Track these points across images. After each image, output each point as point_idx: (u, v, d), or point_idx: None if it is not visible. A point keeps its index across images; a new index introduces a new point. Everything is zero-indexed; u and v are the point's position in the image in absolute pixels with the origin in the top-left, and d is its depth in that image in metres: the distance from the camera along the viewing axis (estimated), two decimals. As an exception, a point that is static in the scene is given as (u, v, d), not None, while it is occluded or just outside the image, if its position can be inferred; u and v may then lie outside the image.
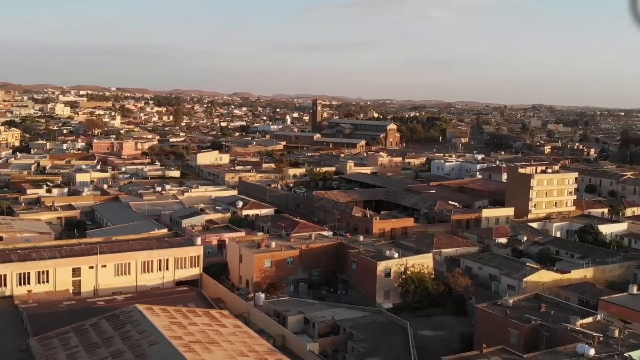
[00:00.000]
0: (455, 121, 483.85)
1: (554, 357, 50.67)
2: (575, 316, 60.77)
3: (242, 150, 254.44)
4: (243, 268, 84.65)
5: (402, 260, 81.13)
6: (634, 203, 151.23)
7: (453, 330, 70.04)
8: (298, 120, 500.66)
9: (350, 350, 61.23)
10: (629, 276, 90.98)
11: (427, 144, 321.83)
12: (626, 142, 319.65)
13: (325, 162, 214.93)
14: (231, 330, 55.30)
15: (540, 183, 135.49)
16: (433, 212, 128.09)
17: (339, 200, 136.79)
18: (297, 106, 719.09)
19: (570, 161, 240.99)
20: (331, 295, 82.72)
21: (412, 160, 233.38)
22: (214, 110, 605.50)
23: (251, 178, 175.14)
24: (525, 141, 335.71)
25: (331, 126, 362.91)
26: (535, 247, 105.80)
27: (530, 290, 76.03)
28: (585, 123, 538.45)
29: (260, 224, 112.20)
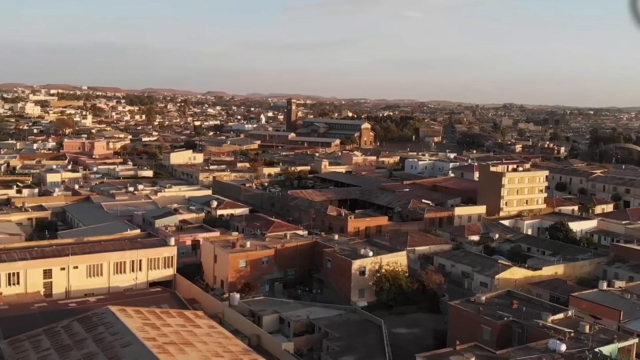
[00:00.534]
0: (428, 120, 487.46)
1: (526, 353, 51.40)
2: (547, 312, 61.66)
3: (217, 150, 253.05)
4: (218, 268, 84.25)
5: (376, 259, 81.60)
6: (604, 200, 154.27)
7: (427, 328, 70.67)
8: (273, 119, 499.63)
9: (326, 349, 61.39)
10: (598, 272, 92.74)
11: (400, 143, 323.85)
12: (595, 141, 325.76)
13: (300, 161, 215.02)
14: (205, 331, 55.03)
15: (511, 181, 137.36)
16: (407, 210, 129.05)
17: (314, 199, 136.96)
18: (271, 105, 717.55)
19: (540, 159, 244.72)
20: (306, 294, 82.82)
21: (386, 159, 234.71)
22: (187, 109, 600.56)
23: (226, 177, 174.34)
24: (496, 140, 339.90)
25: (306, 125, 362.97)
26: (507, 244, 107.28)
27: (502, 287, 77.04)
28: (556, 122, 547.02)
29: (235, 224, 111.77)
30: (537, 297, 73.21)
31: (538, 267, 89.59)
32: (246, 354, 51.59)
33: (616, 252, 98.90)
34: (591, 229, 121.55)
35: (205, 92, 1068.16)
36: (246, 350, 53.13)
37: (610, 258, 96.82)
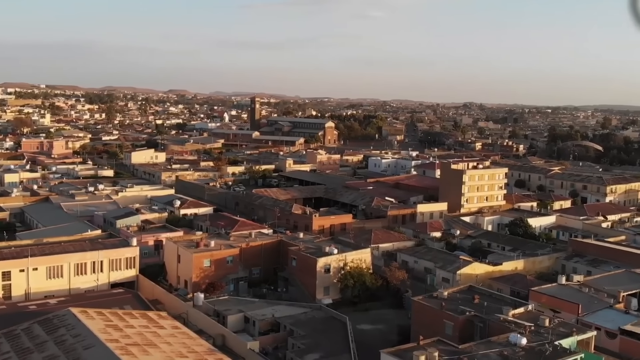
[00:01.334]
0: (391, 119, 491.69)
1: (487, 347, 52.39)
2: (508, 307, 62.84)
3: (179, 149, 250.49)
4: (181, 268, 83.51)
5: (341, 256, 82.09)
6: (562, 197, 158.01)
7: (391, 323, 71.44)
8: (236, 118, 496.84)
9: (291, 347, 61.53)
10: (557, 267, 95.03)
11: (364, 141, 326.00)
12: (553, 138, 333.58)
13: (265, 160, 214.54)
14: (169, 332, 54.54)
15: (471, 179, 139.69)
16: (370, 208, 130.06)
17: (278, 198, 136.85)
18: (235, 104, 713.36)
19: (500, 157, 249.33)
20: (271, 293, 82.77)
21: (350, 157, 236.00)
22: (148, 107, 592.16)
23: (189, 177, 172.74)
24: (457, 138, 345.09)
25: (270, 124, 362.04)
26: (468, 240, 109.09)
27: (464, 283, 78.31)
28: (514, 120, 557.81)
29: (198, 223, 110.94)
30: (498, 292, 74.69)
31: (498, 263, 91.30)
32: (211, 353, 51.35)
33: (574, 247, 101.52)
34: (550, 224, 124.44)
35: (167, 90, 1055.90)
36: (211, 350, 52.86)
37: (569, 253, 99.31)
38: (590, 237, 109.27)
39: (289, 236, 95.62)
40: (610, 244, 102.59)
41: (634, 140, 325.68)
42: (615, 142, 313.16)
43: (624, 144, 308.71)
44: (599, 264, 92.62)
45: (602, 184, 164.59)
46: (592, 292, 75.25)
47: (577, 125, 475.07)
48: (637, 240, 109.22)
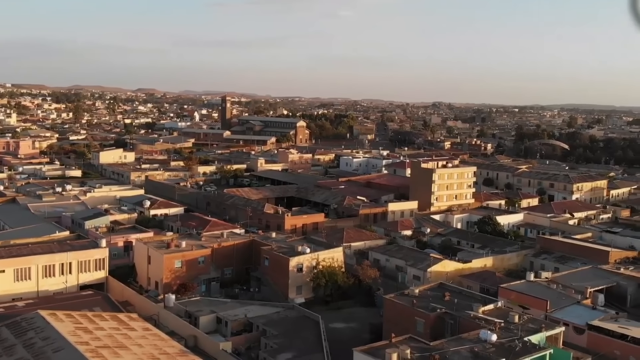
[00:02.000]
0: (362, 118, 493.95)
1: (458, 343, 53.06)
2: (478, 304, 63.63)
3: (149, 148, 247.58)
4: (152, 269, 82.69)
5: (313, 255, 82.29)
6: (529, 195, 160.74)
7: (363, 322, 71.83)
8: (207, 117, 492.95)
9: (264, 347, 61.48)
10: (526, 264, 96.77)
11: (335, 140, 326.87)
12: (520, 137, 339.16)
13: (236, 159, 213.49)
14: (140, 334, 54.05)
15: (441, 177, 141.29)
16: (342, 207, 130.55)
17: (250, 197, 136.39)
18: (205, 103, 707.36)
19: (468, 156, 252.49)
20: (244, 293, 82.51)
21: (322, 156, 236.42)
22: (117, 106, 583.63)
23: (159, 176, 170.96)
24: (426, 137, 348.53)
25: (241, 123, 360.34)
26: (438, 238, 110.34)
27: (435, 280, 79.21)
28: (482, 119, 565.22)
29: (169, 224, 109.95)
30: (468, 289, 75.63)
31: (468, 260, 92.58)
32: (183, 355, 51.07)
33: (542, 244, 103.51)
34: (518, 222, 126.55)
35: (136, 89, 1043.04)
36: (183, 351, 52.58)
37: (537, 250, 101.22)
38: (558, 234, 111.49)
39: (261, 236, 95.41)
40: (577, 241, 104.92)
41: (599, 139, 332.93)
42: (581, 140, 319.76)
43: (590, 142, 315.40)
44: (566, 260, 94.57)
45: (568, 182, 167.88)
46: (560, 288, 76.83)
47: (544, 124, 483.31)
48: (603, 237, 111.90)
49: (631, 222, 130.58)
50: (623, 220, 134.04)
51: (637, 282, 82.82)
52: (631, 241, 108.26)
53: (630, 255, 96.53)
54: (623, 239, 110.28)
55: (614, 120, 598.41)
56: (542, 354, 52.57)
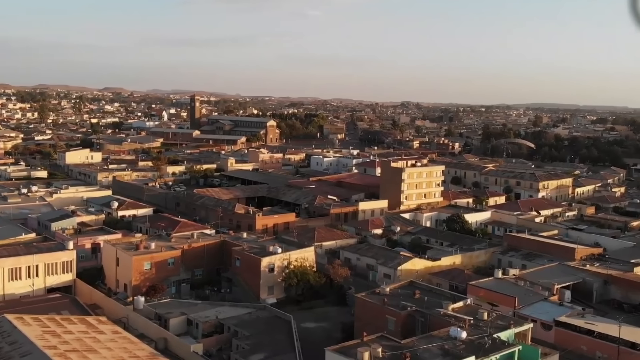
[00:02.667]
0: (332, 118, 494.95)
1: (429, 341, 53.59)
2: (447, 301, 64.37)
3: (116, 148, 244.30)
4: (120, 271, 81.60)
5: (285, 255, 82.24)
6: (496, 193, 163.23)
7: (335, 321, 72.06)
8: (175, 116, 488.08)
9: (235, 348, 61.21)
10: (493, 261, 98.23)
11: (305, 140, 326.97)
12: (487, 136, 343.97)
13: (206, 159, 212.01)
14: (110, 337, 53.40)
15: (410, 176, 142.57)
16: (313, 206, 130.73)
17: (220, 197, 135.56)
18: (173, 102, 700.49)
19: (437, 155, 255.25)
20: (215, 294, 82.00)
21: (292, 156, 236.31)
22: (83, 106, 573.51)
23: (127, 177, 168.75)
24: (396, 137, 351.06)
25: (210, 122, 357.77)
26: (407, 236, 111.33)
27: (405, 278, 79.90)
28: (450, 119, 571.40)
29: (138, 225, 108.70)
30: (438, 287, 76.50)
31: (437, 258, 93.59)
32: (153, 358, 50.64)
33: (509, 242, 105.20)
34: (485, 220, 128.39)
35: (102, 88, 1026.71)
36: (153, 354, 52.14)
37: (504, 247, 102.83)
38: (524, 231, 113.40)
39: (232, 236, 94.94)
40: (543, 238, 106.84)
41: (564, 138, 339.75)
42: (547, 139, 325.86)
43: (555, 141, 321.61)
44: (533, 257, 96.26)
45: (534, 180, 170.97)
46: (527, 285, 78.13)
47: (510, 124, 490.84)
48: (569, 235, 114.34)
49: (596, 220, 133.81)
50: (588, 218, 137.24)
51: (602, 279, 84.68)
52: (596, 238, 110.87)
53: (596, 252, 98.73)
54: (588, 236, 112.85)
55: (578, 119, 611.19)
56: (511, 351, 53.43)
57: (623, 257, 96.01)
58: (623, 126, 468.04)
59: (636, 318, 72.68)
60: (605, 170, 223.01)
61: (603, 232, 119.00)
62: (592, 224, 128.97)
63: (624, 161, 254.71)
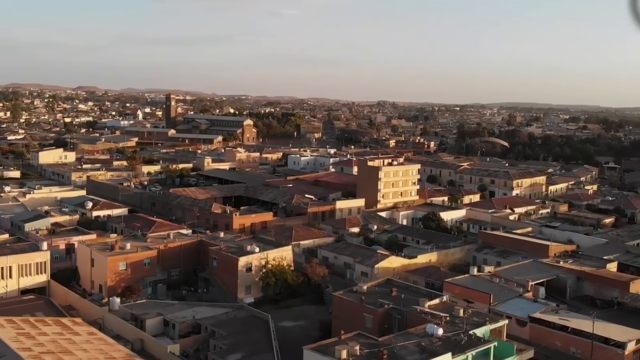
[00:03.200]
0: (308, 117, 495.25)
1: (406, 338, 54.02)
2: (424, 298, 64.98)
3: (90, 148, 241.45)
4: (95, 272, 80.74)
5: (262, 254, 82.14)
6: (471, 191, 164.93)
7: (312, 319, 72.23)
8: (151, 115, 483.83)
9: (213, 348, 60.96)
10: (469, 259, 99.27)
11: (282, 139, 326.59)
12: (462, 135, 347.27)
13: (182, 158, 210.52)
14: (85, 338, 52.85)
15: (387, 175, 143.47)
16: (291, 205, 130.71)
17: (197, 197, 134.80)
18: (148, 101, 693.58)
19: (412, 154, 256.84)
20: (192, 295, 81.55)
21: (270, 155, 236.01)
22: (56, 105, 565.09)
23: (101, 177, 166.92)
24: (372, 136, 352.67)
25: (186, 122, 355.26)
26: (384, 235, 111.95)
27: (382, 276, 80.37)
28: (425, 118, 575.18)
29: (113, 225, 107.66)
30: (414, 284, 77.15)
31: (413, 256, 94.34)
32: (130, 359, 50.26)
33: (484, 239, 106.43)
34: (460, 218, 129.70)
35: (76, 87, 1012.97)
36: (129, 355, 51.77)
37: (479, 245, 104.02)
38: (499, 229, 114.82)
39: (209, 236, 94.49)
40: (517, 235, 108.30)
41: (537, 136, 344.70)
42: (520, 138, 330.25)
43: (529, 139, 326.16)
44: (507, 254, 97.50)
45: (508, 178, 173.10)
46: (502, 282, 79.13)
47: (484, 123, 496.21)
48: (542, 232, 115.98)
49: (569, 217, 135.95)
50: (561, 215, 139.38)
51: (576, 275, 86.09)
52: (569, 235, 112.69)
53: (569, 249, 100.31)
54: (562, 233, 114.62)
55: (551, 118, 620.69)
56: (487, 347, 54.14)
57: (596, 253, 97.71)
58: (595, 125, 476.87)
59: (609, 314, 74.08)
60: (578, 168, 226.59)
61: (576, 229, 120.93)
62: (565, 221, 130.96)
63: (596, 159, 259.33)
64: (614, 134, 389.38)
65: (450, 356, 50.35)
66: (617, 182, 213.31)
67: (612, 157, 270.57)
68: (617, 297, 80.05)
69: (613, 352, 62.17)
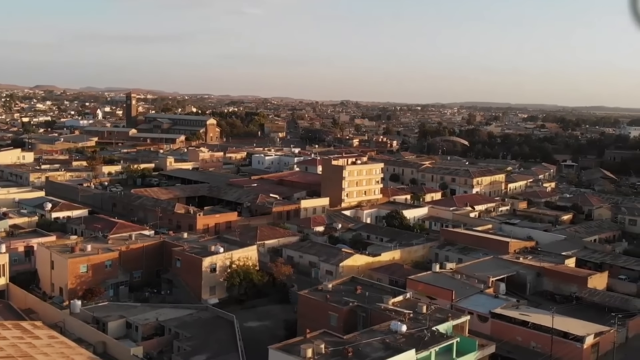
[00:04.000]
0: (272, 116, 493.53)
1: (370, 335, 54.54)
2: (388, 296, 65.63)
3: (49, 148, 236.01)
4: (55, 275, 79.19)
5: (227, 255, 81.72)
6: (432, 189, 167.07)
7: (278, 319, 72.28)
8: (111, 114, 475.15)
9: (177, 350, 60.49)
10: (431, 256, 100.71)
11: (246, 138, 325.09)
12: (423, 134, 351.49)
13: (143, 158, 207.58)
14: (46, 342, 51.79)
15: (351, 174, 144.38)
16: (255, 205, 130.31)
17: (159, 197, 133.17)
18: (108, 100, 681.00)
19: (376, 153, 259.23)
20: (155, 296, 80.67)
21: (233, 154, 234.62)
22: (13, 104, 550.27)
23: (60, 177, 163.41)
24: (336, 135, 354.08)
25: (148, 121, 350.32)
26: (349, 233, 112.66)
27: (347, 274, 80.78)
28: (388, 117, 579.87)
29: (73, 227, 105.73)
30: (378, 282, 77.84)
31: (377, 254, 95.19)
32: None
33: (446, 237, 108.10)
34: (423, 215, 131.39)
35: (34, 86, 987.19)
36: (91, 358, 51.01)
37: (441, 242, 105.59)
38: (460, 226, 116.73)
39: (172, 237, 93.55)
40: (478, 232, 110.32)
41: (497, 135, 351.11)
42: (480, 137, 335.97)
43: (488, 138, 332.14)
44: (469, 251, 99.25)
45: (469, 176, 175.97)
46: (464, 278, 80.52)
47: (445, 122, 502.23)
48: (502, 229, 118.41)
49: (528, 214, 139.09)
50: (520, 212, 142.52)
51: (535, 271, 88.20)
52: (529, 232, 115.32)
53: (528, 245, 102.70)
54: (521, 229, 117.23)
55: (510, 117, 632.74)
56: (450, 343, 55.07)
57: (554, 249, 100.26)
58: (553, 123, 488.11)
59: (568, 308, 76.15)
60: (537, 166, 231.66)
61: (535, 226, 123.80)
62: (525, 218, 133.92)
63: (554, 157, 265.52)
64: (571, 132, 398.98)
65: (414, 352, 51.03)
66: (574, 179, 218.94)
67: (569, 155, 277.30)
68: (576, 292, 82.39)
69: (572, 346, 63.92)
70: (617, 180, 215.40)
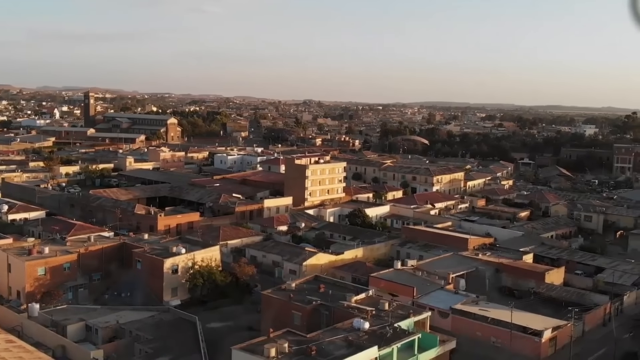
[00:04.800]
0: (235, 115, 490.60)
1: (333, 333, 54.96)
2: (350, 293, 66.16)
3: (4, 148, 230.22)
4: (12, 278, 77.44)
5: (189, 256, 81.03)
6: (394, 188, 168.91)
7: (241, 319, 72.07)
8: (68, 114, 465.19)
9: (138, 353, 59.82)
10: (393, 253, 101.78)
11: (209, 138, 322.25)
12: (385, 134, 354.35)
13: (102, 158, 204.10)
14: (3, 346, 50.55)
15: (314, 173, 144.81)
16: (218, 205, 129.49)
17: (119, 198, 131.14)
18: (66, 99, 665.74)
19: (338, 152, 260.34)
20: (115, 299, 79.41)
21: (195, 154, 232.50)
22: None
23: (16, 178, 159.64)
24: (299, 134, 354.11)
25: (107, 120, 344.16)
26: (312, 232, 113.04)
27: (310, 273, 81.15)
28: (350, 117, 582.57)
29: (30, 229, 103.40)
30: (341, 280, 78.36)
31: (340, 252, 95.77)
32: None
33: (407, 234, 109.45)
34: (384, 214, 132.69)
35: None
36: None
37: (402, 239, 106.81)
38: (421, 224, 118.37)
39: (132, 238, 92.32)
40: (438, 229, 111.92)
41: (456, 134, 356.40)
42: (440, 136, 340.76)
43: (447, 137, 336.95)
44: (429, 248, 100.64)
45: (429, 175, 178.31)
46: (425, 275, 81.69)
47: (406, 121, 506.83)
48: (462, 226, 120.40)
49: (486, 211, 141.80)
50: (479, 210, 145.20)
51: (494, 267, 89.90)
52: (487, 228, 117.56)
53: (487, 242, 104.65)
54: (480, 226, 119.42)
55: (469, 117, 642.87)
56: (411, 339, 55.89)
57: (513, 246, 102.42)
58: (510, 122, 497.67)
59: (526, 303, 77.92)
60: (495, 164, 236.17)
61: (493, 222, 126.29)
62: (483, 215, 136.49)
63: (512, 156, 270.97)
64: (528, 131, 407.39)
65: (376, 349, 51.63)
66: (531, 177, 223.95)
67: (526, 153, 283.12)
68: (533, 288, 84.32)
69: (531, 340, 65.55)
70: (573, 178, 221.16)
